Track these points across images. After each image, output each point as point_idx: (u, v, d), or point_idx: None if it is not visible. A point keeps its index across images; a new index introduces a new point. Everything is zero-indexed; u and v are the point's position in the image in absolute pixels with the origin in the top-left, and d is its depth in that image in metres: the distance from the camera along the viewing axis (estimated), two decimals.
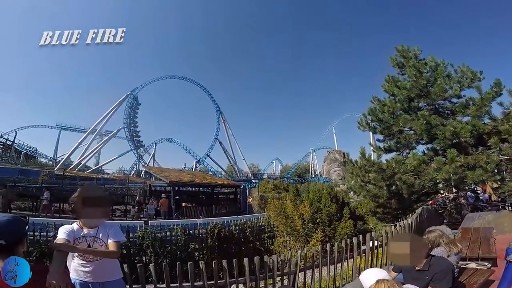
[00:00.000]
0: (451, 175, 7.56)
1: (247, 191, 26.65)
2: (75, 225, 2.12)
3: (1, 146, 38.38)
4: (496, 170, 8.02)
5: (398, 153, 10.62)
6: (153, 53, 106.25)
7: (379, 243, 4.72)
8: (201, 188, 24.33)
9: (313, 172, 51.96)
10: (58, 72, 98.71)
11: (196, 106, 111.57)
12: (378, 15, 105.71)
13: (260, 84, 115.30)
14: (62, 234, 1.99)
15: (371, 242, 4.58)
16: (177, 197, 19.38)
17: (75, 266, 2.08)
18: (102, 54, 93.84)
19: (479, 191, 12.94)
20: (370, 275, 2.15)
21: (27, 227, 1.52)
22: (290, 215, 7.96)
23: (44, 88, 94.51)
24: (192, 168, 44.66)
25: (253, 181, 41.46)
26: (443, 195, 12.57)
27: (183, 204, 19.82)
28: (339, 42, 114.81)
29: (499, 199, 11.17)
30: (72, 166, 38.89)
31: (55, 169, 27.48)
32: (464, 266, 3.49)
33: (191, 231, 8.90)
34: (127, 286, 3.08)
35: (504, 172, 8.35)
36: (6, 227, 1.35)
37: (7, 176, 19.74)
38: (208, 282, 3.62)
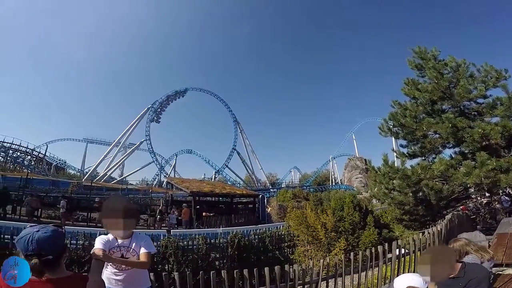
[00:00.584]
0: (482, 179, 7.11)
1: (265, 200, 26.45)
2: (110, 236, 2.19)
3: (34, 159, 41.03)
4: None
5: (423, 158, 10.17)
6: (171, 66, 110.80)
7: (406, 251, 4.51)
8: (220, 198, 24.55)
9: (333, 180, 50.69)
10: (86, 87, 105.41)
11: (214, 117, 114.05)
12: (392, 17, 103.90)
13: (277, 93, 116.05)
14: (99, 244, 2.07)
15: (397, 250, 4.39)
16: (198, 206, 19.65)
17: (108, 275, 2.17)
18: (126, 68, 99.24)
19: None
20: (403, 281, 2.09)
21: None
22: (311, 224, 7.79)
23: (73, 103, 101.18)
24: (212, 178, 45.22)
25: (271, 190, 41.14)
26: (475, 200, 11.78)
27: (204, 213, 20.03)
28: (354, 47, 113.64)
29: None
30: (98, 177, 40.74)
31: (83, 180, 28.98)
32: (500, 272, 3.29)
33: (212, 240, 8.96)
34: None
35: None
36: (51, 242, 1.37)
37: (40, 186, 21.01)
38: None
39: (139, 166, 51.75)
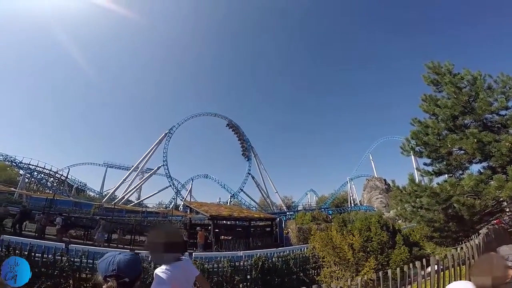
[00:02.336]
0: None
1: (283, 223, 25.91)
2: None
3: (56, 181, 42.87)
4: None
5: (450, 175, 9.90)
6: (186, 92, 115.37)
7: (445, 266, 4.39)
8: (237, 222, 24.34)
9: (352, 201, 49.15)
10: (104, 114, 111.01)
11: (228, 142, 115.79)
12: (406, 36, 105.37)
13: (289, 117, 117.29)
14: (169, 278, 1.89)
15: (435, 265, 4.29)
16: (217, 230, 19.56)
17: None
18: (142, 95, 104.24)
19: None
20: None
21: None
22: (338, 245, 7.65)
23: (93, 128, 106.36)
24: (227, 202, 45.01)
25: (288, 213, 40.29)
26: (509, 213, 11.13)
27: (222, 237, 19.88)
28: (367, 69, 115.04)
29: None
30: (116, 200, 41.58)
31: (103, 202, 29.76)
32: None
33: (236, 263, 8.90)
34: None
35: None
36: (130, 265, 1.43)
37: (63, 207, 21.71)
38: None
39: (155, 189, 52.68)
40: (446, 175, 9.99)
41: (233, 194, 48.68)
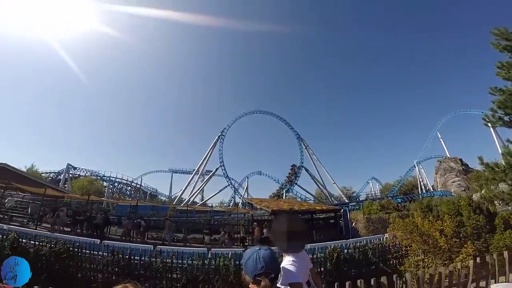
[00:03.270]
0: None
1: (348, 214, 24.98)
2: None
3: (133, 189, 49.45)
4: None
5: None
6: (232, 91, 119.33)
7: None
8: (299, 215, 24.34)
9: (423, 187, 44.37)
10: (163, 124, 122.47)
11: (277, 136, 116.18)
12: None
13: (344, 102, 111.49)
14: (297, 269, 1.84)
15: None
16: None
17: None
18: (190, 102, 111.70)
19: None
20: None
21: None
22: (426, 232, 7.12)
23: (158, 140, 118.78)
24: (282, 197, 45.33)
25: (350, 204, 38.61)
26: None
27: None
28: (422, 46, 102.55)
29: None
30: (184, 202, 45.60)
31: (175, 205, 33.33)
32: None
33: (311, 256, 8.96)
34: None
35: None
36: (274, 260, 1.34)
37: (143, 211, 24.69)
38: None
39: (215, 190, 56.03)
40: None
41: (288, 189, 48.77)
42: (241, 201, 43.26)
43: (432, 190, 40.21)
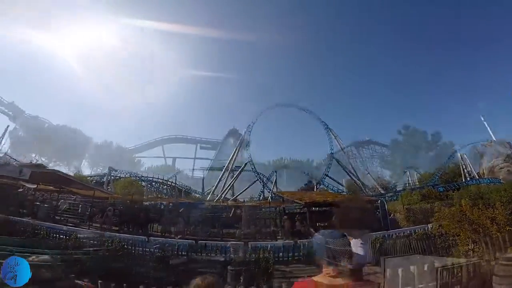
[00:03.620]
0: None
1: (385, 205, 24.11)
2: None
3: (169, 187, 52.36)
4: None
5: None
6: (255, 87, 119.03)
7: None
8: (333, 207, 23.99)
9: (467, 174, 41.05)
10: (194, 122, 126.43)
11: (304, 127, 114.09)
12: None
13: (375, 89, 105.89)
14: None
15: None
16: (312, 217, 19.88)
17: None
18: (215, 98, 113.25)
19: None
20: None
21: None
22: (475, 221, 6.77)
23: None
24: (313, 190, 44.81)
25: (387, 195, 37.07)
26: None
27: (317, 223, 20.10)
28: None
29: None
30: (216, 198, 47.12)
31: (207, 200, 34.65)
32: None
33: None
34: None
35: None
36: (345, 245, 1.42)
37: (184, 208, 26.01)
38: None
39: (245, 185, 57.01)
40: None
41: (319, 181, 48.07)
42: (270, 195, 43.56)
43: (477, 177, 37.06)
